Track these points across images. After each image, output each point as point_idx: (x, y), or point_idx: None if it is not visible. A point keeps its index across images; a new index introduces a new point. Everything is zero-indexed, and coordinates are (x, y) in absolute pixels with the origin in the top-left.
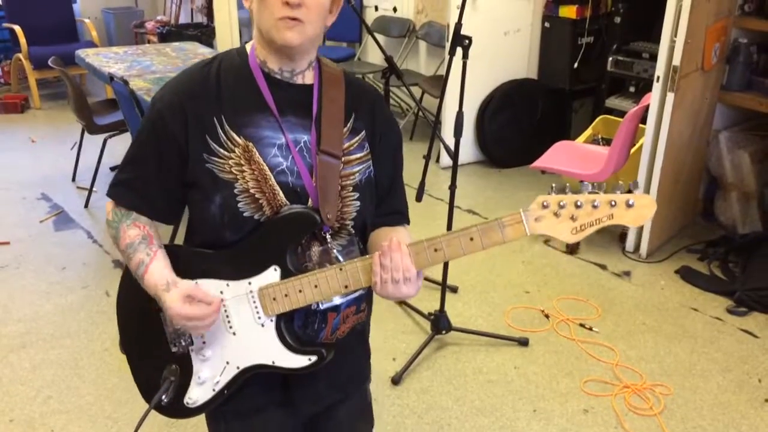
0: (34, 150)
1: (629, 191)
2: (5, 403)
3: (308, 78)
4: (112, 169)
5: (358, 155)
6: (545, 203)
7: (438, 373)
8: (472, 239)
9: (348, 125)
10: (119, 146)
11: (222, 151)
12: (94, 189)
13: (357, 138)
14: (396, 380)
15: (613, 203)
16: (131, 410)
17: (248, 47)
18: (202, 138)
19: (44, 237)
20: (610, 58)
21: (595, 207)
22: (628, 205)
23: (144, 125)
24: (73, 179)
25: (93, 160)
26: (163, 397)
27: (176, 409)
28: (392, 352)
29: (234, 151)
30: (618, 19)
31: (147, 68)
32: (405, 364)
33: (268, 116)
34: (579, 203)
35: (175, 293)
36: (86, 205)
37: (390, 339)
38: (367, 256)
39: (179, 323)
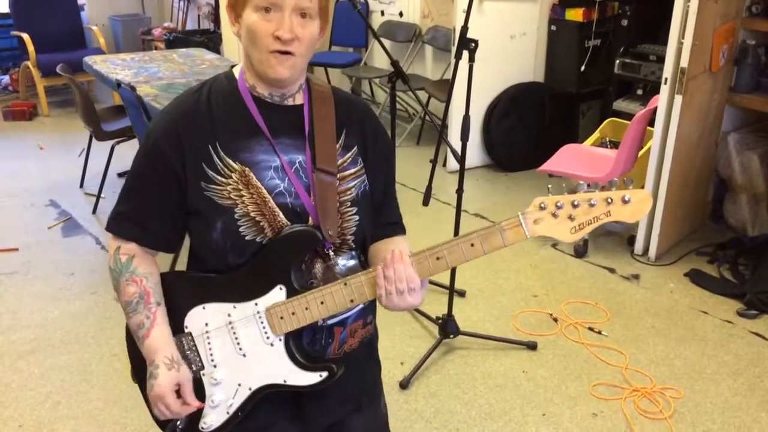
0: (42, 157)
1: (624, 187)
2: (14, 409)
3: (298, 99)
4: (120, 175)
5: (352, 170)
6: (542, 205)
7: (446, 378)
8: (473, 245)
9: (340, 142)
10: (127, 152)
11: (219, 177)
12: (102, 195)
13: (350, 154)
14: (404, 385)
15: (609, 200)
16: (140, 416)
17: (236, 72)
18: (198, 166)
19: (52, 243)
20: (618, 61)
21: (592, 205)
22: (625, 201)
23: (140, 156)
24: (81, 186)
25: (101, 167)
26: (178, 423)
27: None
28: (400, 356)
29: (231, 177)
30: (625, 22)
31: (154, 75)
32: (413, 368)
33: (261, 140)
34: (576, 203)
35: (173, 376)
36: (94, 212)
37: (398, 343)
38: (371, 269)
39: (153, 400)
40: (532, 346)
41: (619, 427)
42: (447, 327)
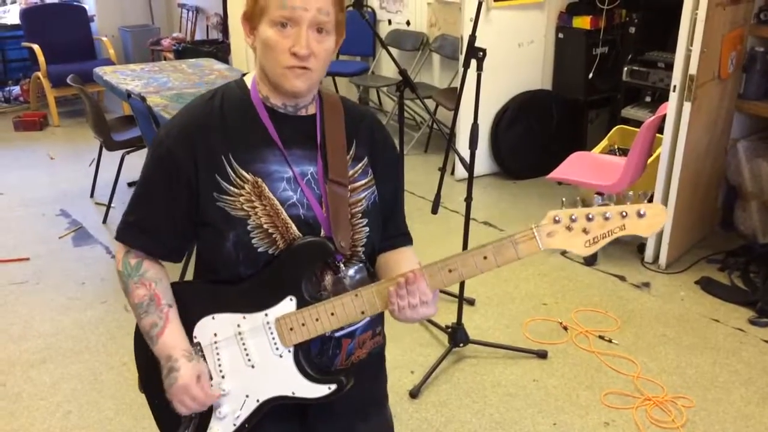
0: (52, 167)
1: (639, 201)
2: (26, 418)
3: (311, 109)
4: (130, 185)
5: (363, 181)
6: (557, 218)
7: (456, 387)
8: (485, 258)
9: (351, 153)
10: (137, 162)
11: (232, 188)
12: (112, 205)
13: (360, 165)
14: (414, 393)
15: (624, 214)
16: (150, 425)
17: (248, 81)
18: (211, 176)
19: (63, 253)
20: (626, 68)
21: (606, 219)
22: (640, 215)
23: (151, 163)
24: (92, 195)
25: (111, 176)
26: None
27: None
28: (410, 365)
29: (244, 188)
30: (633, 29)
31: (164, 85)
32: (423, 377)
33: (274, 150)
34: (590, 216)
35: (194, 367)
36: (104, 221)
37: (408, 352)
38: (383, 280)
39: (177, 394)
40: (542, 355)
41: None
42: (457, 336)
